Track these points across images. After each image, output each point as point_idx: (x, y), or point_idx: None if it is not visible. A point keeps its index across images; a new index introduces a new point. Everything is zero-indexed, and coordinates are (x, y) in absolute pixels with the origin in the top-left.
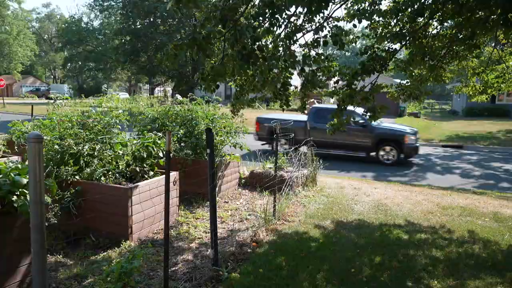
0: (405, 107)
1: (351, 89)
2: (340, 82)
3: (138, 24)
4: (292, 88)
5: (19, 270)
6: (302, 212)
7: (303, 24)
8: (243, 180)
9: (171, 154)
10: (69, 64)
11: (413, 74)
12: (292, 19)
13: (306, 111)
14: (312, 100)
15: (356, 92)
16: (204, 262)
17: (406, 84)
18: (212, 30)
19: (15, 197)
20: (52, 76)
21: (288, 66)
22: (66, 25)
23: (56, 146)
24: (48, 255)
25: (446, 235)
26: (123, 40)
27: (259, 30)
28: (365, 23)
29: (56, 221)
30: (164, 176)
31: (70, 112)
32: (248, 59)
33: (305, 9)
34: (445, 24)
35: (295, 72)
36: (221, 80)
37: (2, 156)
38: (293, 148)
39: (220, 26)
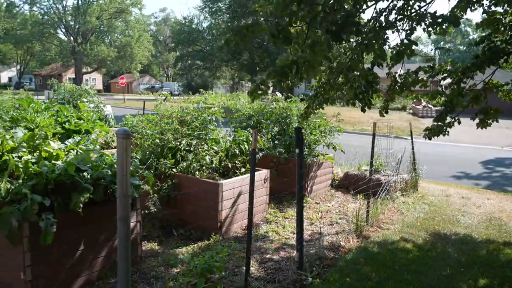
0: None
1: (459, 87)
2: (446, 81)
3: (242, 23)
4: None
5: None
6: (399, 219)
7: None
8: (336, 181)
9: (264, 152)
10: (179, 63)
11: None
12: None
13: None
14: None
15: (466, 91)
16: (288, 264)
17: None
18: (295, 11)
19: (116, 187)
20: (165, 75)
21: (381, 57)
22: (179, 27)
23: (157, 140)
24: (145, 241)
25: None
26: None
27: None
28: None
29: (154, 210)
30: (254, 172)
31: (171, 108)
32: (339, 34)
33: None
34: None
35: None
36: (305, 74)
37: (115, 147)
38: (391, 150)
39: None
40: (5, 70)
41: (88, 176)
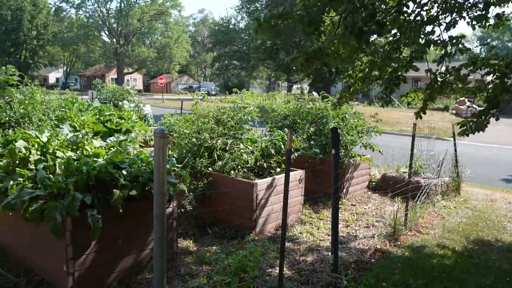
0: None
1: (503, 82)
2: (490, 77)
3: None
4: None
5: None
6: (439, 224)
7: None
8: (374, 183)
9: (299, 152)
10: (216, 63)
11: None
12: None
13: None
14: (462, 99)
15: (509, 86)
16: (323, 266)
17: None
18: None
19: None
20: (203, 75)
21: (416, 53)
22: (217, 28)
23: (194, 139)
24: (181, 239)
25: None
26: (264, 39)
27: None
28: None
29: (190, 208)
30: (289, 173)
31: (207, 108)
32: (360, 34)
33: None
34: None
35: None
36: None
37: (152, 146)
38: (432, 152)
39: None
40: (53, 71)
41: (127, 174)
